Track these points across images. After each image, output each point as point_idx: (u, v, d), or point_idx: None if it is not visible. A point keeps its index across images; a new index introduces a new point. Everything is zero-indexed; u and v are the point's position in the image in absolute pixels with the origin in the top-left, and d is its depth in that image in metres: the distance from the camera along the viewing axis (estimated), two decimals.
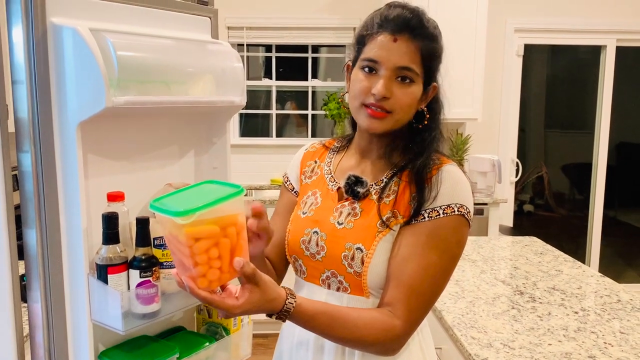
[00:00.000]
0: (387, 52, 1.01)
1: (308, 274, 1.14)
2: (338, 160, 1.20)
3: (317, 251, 1.11)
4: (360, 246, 1.04)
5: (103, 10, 1.07)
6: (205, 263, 0.85)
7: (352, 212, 1.09)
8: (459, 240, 1.04)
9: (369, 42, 1.05)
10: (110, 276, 1.04)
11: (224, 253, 0.86)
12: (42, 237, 1.03)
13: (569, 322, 1.70)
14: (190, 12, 1.25)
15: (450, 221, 1.01)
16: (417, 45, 1.01)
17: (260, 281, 0.88)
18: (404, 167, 1.08)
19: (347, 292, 1.07)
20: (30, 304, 1.07)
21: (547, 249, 2.61)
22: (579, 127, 4.94)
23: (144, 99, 1.06)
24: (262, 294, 0.88)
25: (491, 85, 4.20)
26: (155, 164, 1.25)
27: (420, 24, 1.02)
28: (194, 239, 0.83)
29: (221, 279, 0.87)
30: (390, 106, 1.02)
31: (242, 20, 4.14)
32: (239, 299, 0.88)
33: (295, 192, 1.25)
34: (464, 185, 1.05)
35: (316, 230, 1.12)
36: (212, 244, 0.85)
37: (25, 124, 1.01)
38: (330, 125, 4.43)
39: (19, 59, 0.99)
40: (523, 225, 4.88)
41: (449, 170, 1.05)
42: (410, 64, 1.01)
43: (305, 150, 1.29)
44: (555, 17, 4.24)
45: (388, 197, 1.07)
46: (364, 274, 1.03)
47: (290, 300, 0.92)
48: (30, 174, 1.02)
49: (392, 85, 1.02)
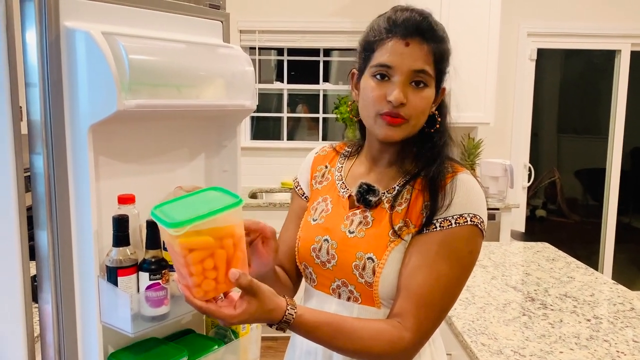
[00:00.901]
0: (400, 57, 0.99)
1: (318, 282, 1.12)
2: (349, 166, 1.18)
3: (328, 259, 1.09)
4: (371, 256, 1.02)
5: (115, 13, 1.08)
6: (200, 273, 0.85)
7: (364, 220, 1.07)
8: (472, 251, 1.01)
9: (379, 48, 1.02)
10: (120, 278, 1.04)
11: (219, 264, 0.86)
12: (53, 239, 1.04)
13: (581, 330, 1.68)
14: (201, 16, 1.26)
15: (462, 231, 0.99)
16: (429, 47, 1.00)
17: (259, 292, 0.88)
18: (416, 175, 1.06)
19: (358, 302, 1.06)
20: (41, 305, 1.07)
21: (559, 255, 2.59)
22: (592, 132, 4.90)
23: (155, 102, 1.06)
24: (259, 305, 0.88)
25: (504, 89, 4.18)
26: (166, 166, 1.25)
27: (430, 27, 1.01)
28: (188, 249, 0.84)
29: (217, 290, 0.88)
30: (407, 113, 1.00)
31: (254, 23, 4.15)
32: (237, 309, 0.87)
33: (306, 197, 1.23)
34: (478, 195, 1.02)
35: (327, 238, 1.10)
36: (207, 254, 0.85)
37: (37, 126, 1.02)
38: (342, 128, 4.43)
39: (32, 62, 1.00)
40: (535, 230, 4.84)
41: (463, 179, 1.02)
42: (424, 66, 0.99)
43: (315, 154, 1.27)
44: (569, 21, 4.20)
45: (400, 206, 1.05)
46: (376, 284, 1.01)
47: (290, 310, 0.91)
48: (42, 175, 1.03)
49: (407, 90, 1.00)
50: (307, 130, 4.55)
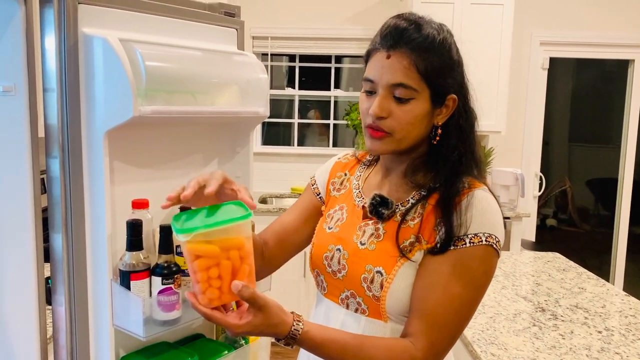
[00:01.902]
0: (380, 70, 0.97)
1: (328, 290, 1.12)
2: (367, 175, 1.16)
3: (339, 269, 1.08)
4: (380, 270, 1.00)
5: (133, 21, 1.10)
6: (205, 281, 0.88)
7: (376, 232, 1.05)
8: (486, 271, 0.98)
9: (369, 60, 1.02)
10: (133, 282, 1.05)
11: (224, 274, 0.89)
12: (67, 242, 1.05)
13: (592, 341, 1.67)
14: (217, 24, 1.27)
15: (477, 251, 0.96)
16: (413, 59, 0.95)
17: (265, 306, 0.89)
18: (432, 190, 1.02)
19: (365, 314, 1.04)
20: (54, 307, 1.09)
21: (570, 266, 2.57)
22: (604, 142, 4.86)
23: (171, 109, 1.08)
24: (264, 319, 0.89)
25: (515, 98, 4.16)
26: (180, 172, 1.26)
27: (418, 34, 0.96)
28: (194, 255, 0.87)
29: (221, 299, 0.90)
30: (389, 126, 0.98)
31: (266, 30, 4.17)
32: (242, 320, 0.89)
33: (320, 196, 1.22)
34: (494, 214, 0.98)
35: (339, 247, 1.09)
36: (212, 263, 0.88)
37: (54, 130, 1.03)
38: (352, 134, 4.44)
39: (50, 67, 1.02)
40: (546, 240, 4.81)
41: (479, 197, 0.98)
42: (403, 79, 0.95)
43: (337, 160, 1.25)
44: (582, 30, 4.19)
45: (413, 220, 1.02)
46: (383, 298, 1.00)
47: (297, 326, 0.91)
48: (58, 179, 1.04)
49: (388, 104, 0.97)
50: (318, 136, 4.57)
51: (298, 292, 3.66)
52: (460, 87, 1.03)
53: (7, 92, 1.06)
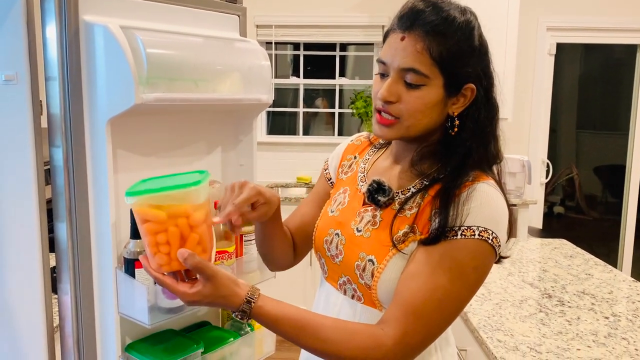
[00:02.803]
0: (392, 52, 0.93)
1: (329, 274, 1.11)
2: (375, 159, 1.13)
3: (336, 254, 1.06)
4: (372, 258, 0.98)
5: (133, 8, 1.09)
6: (153, 245, 0.89)
7: (372, 220, 1.02)
8: (477, 267, 0.92)
9: (386, 40, 0.97)
10: (138, 270, 1.05)
11: (172, 241, 0.89)
12: (72, 231, 1.06)
13: (598, 327, 1.66)
14: (219, 10, 1.26)
15: (468, 244, 0.90)
16: (426, 42, 0.90)
17: (213, 276, 0.88)
18: (435, 180, 0.98)
19: (361, 301, 1.02)
20: (60, 296, 1.09)
21: (577, 252, 2.56)
22: (612, 128, 4.82)
23: (173, 96, 1.07)
24: (213, 289, 0.88)
25: (522, 84, 4.13)
26: (183, 160, 1.26)
27: (434, 17, 0.91)
28: (142, 219, 0.89)
29: (171, 266, 0.90)
30: (397, 111, 0.94)
31: (271, 18, 4.15)
32: (191, 289, 0.89)
33: (332, 182, 1.20)
34: (494, 208, 0.93)
35: (338, 232, 1.07)
36: (160, 229, 0.88)
37: (57, 119, 1.03)
38: (357, 123, 4.42)
39: (52, 56, 1.01)
40: (553, 227, 4.79)
41: (480, 189, 0.93)
42: (414, 64, 0.91)
43: (350, 142, 1.22)
44: (589, 15, 4.14)
45: (410, 210, 0.98)
46: (374, 287, 0.97)
47: (250, 299, 0.89)
48: (62, 168, 1.04)
49: (398, 88, 0.93)
50: (324, 125, 4.56)
51: (304, 280, 3.67)
52: (481, 77, 0.96)
53: (9, 80, 1.06)
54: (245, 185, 1.00)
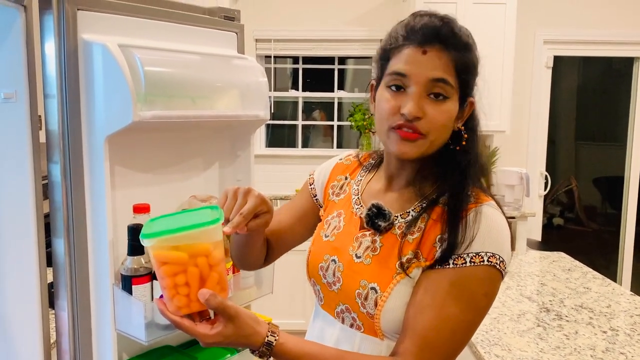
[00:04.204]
0: (416, 65, 0.90)
1: (325, 302, 1.07)
2: (367, 181, 1.09)
3: (334, 282, 1.02)
4: (375, 286, 0.94)
5: (131, 26, 1.10)
6: (171, 288, 0.85)
7: (372, 245, 0.98)
8: (487, 293, 0.91)
9: (394, 55, 0.94)
10: (135, 287, 1.06)
11: (192, 282, 0.85)
12: (69, 247, 1.06)
13: (597, 341, 1.66)
14: (216, 28, 1.28)
15: (477, 271, 0.89)
16: (449, 56, 0.90)
17: (235, 316, 0.85)
18: (435, 202, 0.96)
19: (361, 330, 0.98)
20: (57, 312, 1.09)
21: (575, 265, 2.56)
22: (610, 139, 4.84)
23: (170, 114, 1.08)
24: (235, 329, 0.85)
25: (520, 97, 4.15)
26: (180, 176, 1.27)
27: (452, 33, 0.91)
28: (160, 262, 0.84)
29: (190, 307, 0.87)
30: (424, 127, 0.90)
31: (270, 32, 4.18)
32: (212, 330, 0.85)
33: (316, 198, 1.17)
34: (500, 232, 0.91)
35: (334, 258, 1.03)
36: (179, 270, 0.85)
37: (55, 136, 1.04)
38: (356, 136, 4.44)
39: (50, 73, 1.02)
40: (552, 239, 4.79)
41: (486, 214, 0.91)
42: (444, 75, 0.90)
43: (338, 161, 1.18)
44: (586, 28, 4.16)
45: (412, 235, 0.95)
46: (377, 317, 0.93)
47: (271, 337, 0.86)
48: (60, 184, 1.05)
49: (424, 103, 0.90)
50: (322, 137, 4.57)
51: (303, 296, 3.66)
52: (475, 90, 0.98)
53: (8, 99, 1.07)
54: (249, 193, 0.95)
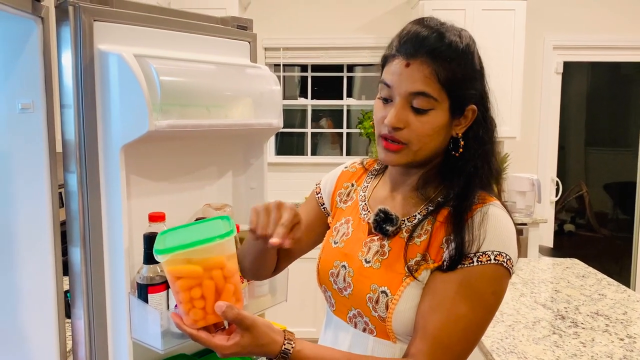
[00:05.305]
0: (398, 78, 0.93)
1: (336, 308, 1.08)
2: (374, 186, 1.11)
3: (345, 287, 1.03)
4: (385, 289, 0.96)
5: (147, 36, 1.11)
6: (187, 301, 0.86)
7: (381, 250, 1.00)
8: (495, 291, 0.93)
9: (387, 64, 0.97)
10: (151, 295, 1.06)
11: (207, 294, 0.86)
12: (85, 255, 1.06)
13: (614, 349, 1.64)
14: (230, 37, 1.28)
15: (485, 270, 0.91)
16: (433, 68, 0.91)
17: (252, 326, 0.86)
18: (441, 205, 0.98)
19: (373, 334, 1.00)
20: (73, 320, 1.10)
21: (589, 272, 2.53)
22: (621, 145, 4.80)
23: (186, 123, 1.09)
24: (252, 339, 0.86)
25: (530, 103, 4.14)
26: (195, 184, 1.27)
27: (440, 43, 0.92)
28: (175, 276, 0.85)
29: (207, 320, 0.87)
30: (405, 137, 0.94)
31: (278, 41, 4.20)
32: (229, 341, 0.86)
33: (324, 207, 1.18)
34: (505, 231, 0.93)
35: (344, 264, 1.04)
36: (194, 283, 0.85)
37: (72, 145, 1.05)
38: (365, 143, 4.44)
39: (67, 84, 1.03)
40: (564, 245, 4.75)
41: (492, 213, 0.93)
42: (424, 88, 0.91)
43: (344, 169, 1.20)
44: (595, 33, 4.15)
45: (420, 238, 0.97)
46: (389, 319, 0.95)
47: (287, 345, 0.88)
48: (76, 193, 1.05)
49: (406, 114, 0.93)
50: (331, 145, 4.57)
51: (314, 304, 3.65)
52: (481, 97, 0.98)
53: (25, 109, 1.08)
54: (282, 207, 0.96)
